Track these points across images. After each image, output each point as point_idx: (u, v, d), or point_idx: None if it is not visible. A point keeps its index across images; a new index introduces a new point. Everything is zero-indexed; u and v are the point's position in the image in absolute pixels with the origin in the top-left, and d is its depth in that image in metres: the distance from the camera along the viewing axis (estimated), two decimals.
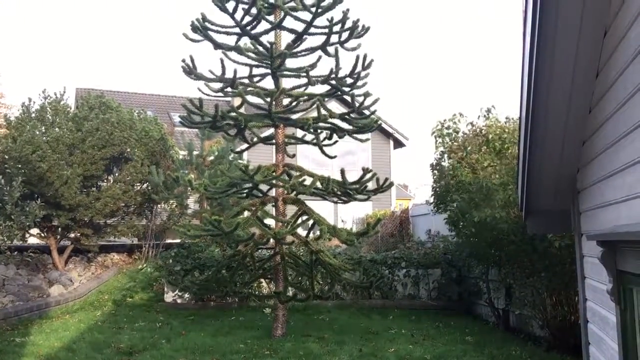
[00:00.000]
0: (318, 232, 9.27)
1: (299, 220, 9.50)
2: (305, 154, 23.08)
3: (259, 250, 11.65)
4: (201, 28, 9.22)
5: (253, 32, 9.41)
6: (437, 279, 12.95)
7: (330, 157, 10.05)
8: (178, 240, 14.94)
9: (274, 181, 9.44)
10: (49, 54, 61.31)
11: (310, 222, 9.61)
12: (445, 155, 11.51)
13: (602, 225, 3.85)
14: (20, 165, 12.17)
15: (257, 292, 12.38)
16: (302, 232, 9.98)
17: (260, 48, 9.49)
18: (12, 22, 53.75)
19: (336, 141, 9.86)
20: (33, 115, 14.11)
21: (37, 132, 13.59)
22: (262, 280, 12.07)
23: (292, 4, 9.44)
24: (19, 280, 12.38)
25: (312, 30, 9.33)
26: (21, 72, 52.53)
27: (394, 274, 12.96)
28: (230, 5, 9.18)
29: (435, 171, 11.35)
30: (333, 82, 9.41)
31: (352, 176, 9.29)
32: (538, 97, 3.54)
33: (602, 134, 3.57)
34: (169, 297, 12.57)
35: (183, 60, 9.35)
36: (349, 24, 9.37)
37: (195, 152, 15.72)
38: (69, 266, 14.74)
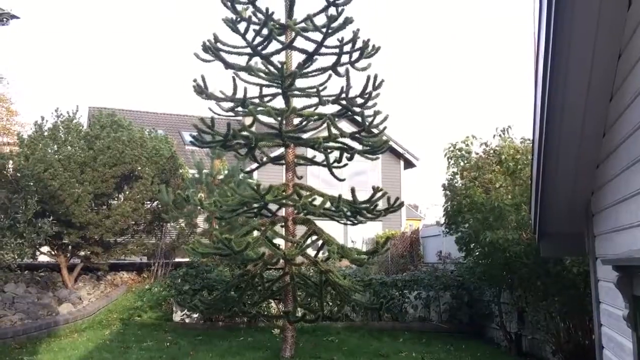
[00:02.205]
0: (327, 252, 9.20)
1: (309, 241, 9.44)
2: (315, 174, 23.05)
3: (268, 270, 11.58)
4: (213, 48, 9.29)
5: (264, 52, 9.46)
6: (448, 301, 12.78)
7: (340, 180, 10.00)
8: (187, 259, 14.90)
9: (284, 201, 9.40)
10: (64, 73, 62.14)
11: (320, 242, 9.55)
12: (458, 176, 11.43)
13: (618, 249, 3.77)
14: (32, 183, 12.25)
15: (266, 313, 12.28)
16: (311, 252, 9.91)
17: (271, 68, 9.53)
18: (27, 41, 54.62)
19: (346, 164, 9.82)
20: (46, 133, 14.25)
21: (50, 151, 13.70)
22: (271, 300, 11.97)
23: (303, 24, 9.49)
24: (29, 298, 12.38)
25: (323, 50, 9.36)
26: (35, 91, 53.20)
27: (404, 296, 12.82)
28: (241, 26, 9.25)
29: (447, 191, 11.26)
30: (343, 102, 9.42)
31: (363, 196, 9.24)
32: (551, 121, 3.50)
33: (617, 157, 3.52)
34: (177, 316, 12.50)
35: (194, 80, 9.41)
36: (359, 43, 9.39)
37: (205, 171, 15.76)
38: (78, 284, 14.73)
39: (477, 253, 9.99)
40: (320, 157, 9.72)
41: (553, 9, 2.79)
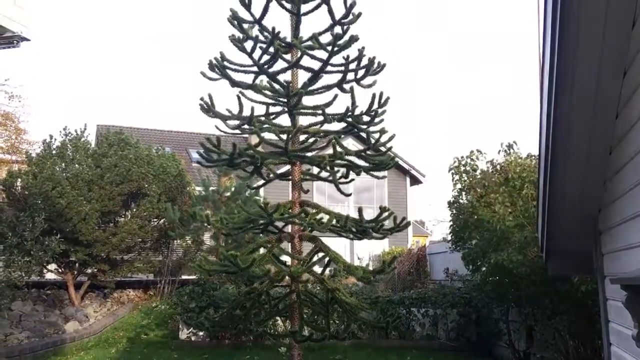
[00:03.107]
0: (334, 270, 9.17)
1: (315, 258, 9.42)
2: (320, 190, 23.09)
3: (274, 288, 11.53)
4: (219, 67, 9.35)
5: (270, 70, 9.51)
6: (456, 319, 12.68)
7: (346, 195, 9.99)
8: (194, 277, 14.89)
9: (290, 218, 9.40)
10: (72, 91, 62.72)
11: (326, 259, 9.52)
12: (464, 193, 11.38)
13: (626, 267, 3.74)
14: (40, 201, 12.32)
15: (272, 331, 12.22)
16: (317, 269, 9.88)
17: (277, 86, 9.58)
18: (35, 59, 55.26)
19: (352, 179, 9.82)
20: (54, 152, 14.35)
21: (58, 169, 13.79)
22: (278, 318, 11.92)
23: (309, 43, 9.56)
24: (36, 316, 12.38)
25: (328, 68, 9.40)
26: (44, 109, 53.67)
27: (411, 314, 12.73)
28: (248, 45, 9.32)
29: (453, 209, 11.23)
30: (349, 119, 9.44)
31: (368, 212, 9.22)
32: (557, 139, 3.50)
33: (624, 174, 3.51)
34: (183, 334, 12.46)
35: (201, 99, 9.46)
36: (364, 61, 9.43)
37: (212, 188, 15.79)
38: (85, 302, 14.73)
39: (485, 270, 9.93)
40: (326, 172, 9.73)
41: (557, 28, 2.81)
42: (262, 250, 9.97)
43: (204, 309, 11.90)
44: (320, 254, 9.56)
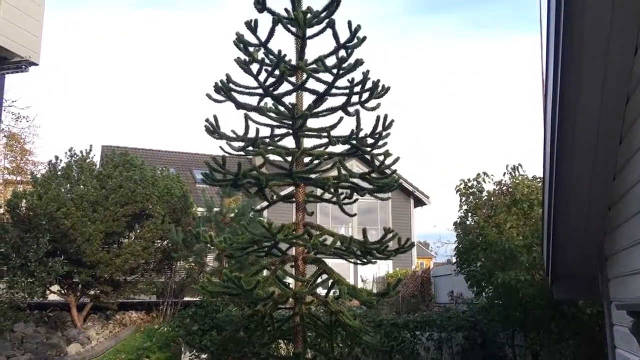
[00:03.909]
0: (337, 292, 9.11)
1: (319, 280, 9.37)
2: (324, 211, 23.08)
3: (278, 310, 11.46)
4: (225, 89, 9.42)
5: (275, 93, 9.58)
6: (461, 342, 12.55)
7: (350, 215, 9.99)
8: (197, 299, 14.81)
9: (294, 240, 9.39)
10: (78, 112, 63.20)
11: (330, 281, 9.47)
12: (470, 214, 11.36)
13: (633, 293, 3.71)
14: (44, 222, 12.34)
15: (275, 354, 12.11)
16: (321, 291, 9.83)
17: (282, 108, 9.64)
18: (41, 80, 55.86)
19: (356, 199, 9.82)
20: (59, 173, 14.42)
21: (63, 190, 13.84)
22: (280, 341, 11.82)
23: (314, 65, 9.64)
24: (38, 338, 12.33)
25: (333, 91, 9.47)
26: (49, 130, 54.07)
27: (416, 337, 12.61)
28: (253, 67, 9.40)
29: (459, 230, 11.19)
30: (354, 142, 9.47)
31: (372, 234, 9.21)
32: (561, 163, 3.50)
33: (628, 200, 3.50)
34: (186, 357, 12.35)
35: (207, 120, 9.51)
36: (369, 84, 9.50)
37: (215, 209, 15.79)
38: (87, 324, 14.66)
39: (491, 293, 9.86)
40: (330, 194, 9.74)
41: (560, 54, 2.83)
42: (265, 272, 9.94)
43: (206, 332, 11.82)
44: (324, 276, 9.51)
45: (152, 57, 69.75)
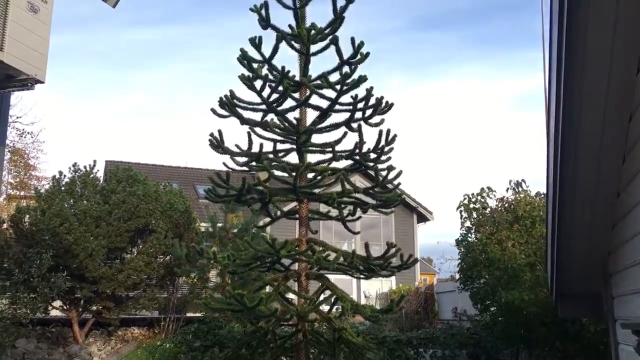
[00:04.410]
0: (340, 308, 9.07)
1: (322, 296, 9.33)
2: (327, 227, 23.07)
3: (280, 327, 11.40)
4: (229, 104, 9.46)
5: (279, 108, 9.62)
6: None
7: (354, 232, 9.98)
8: (199, 315, 14.75)
9: (297, 256, 9.37)
10: (81, 127, 63.53)
11: (333, 297, 9.43)
12: (472, 230, 11.33)
13: (638, 312, 3.69)
14: (47, 237, 12.35)
15: None
16: (324, 307, 9.78)
17: (286, 124, 9.68)
18: (45, 95, 56.25)
19: (360, 217, 9.82)
20: (63, 188, 14.45)
21: (66, 205, 13.86)
22: (283, 358, 11.74)
23: (318, 82, 9.68)
24: (39, 354, 12.28)
25: (337, 107, 9.50)
26: (53, 145, 54.40)
27: (419, 354, 12.51)
28: (257, 84, 9.45)
29: (462, 247, 11.16)
30: (357, 157, 9.49)
31: (375, 250, 9.18)
32: (565, 182, 3.50)
33: (632, 218, 3.49)
34: None
35: (211, 135, 9.54)
36: (372, 100, 9.53)
37: (219, 224, 15.78)
38: (89, 340, 14.59)
39: (494, 310, 9.81)
40: (333, 210, 9.72)
41: (563, 73, 2.84)
42: (268, 289, 9.91)
43: (209, 348, 11.75)
44: (327, 292, 9.47)
45: (155, 73, 70.20)
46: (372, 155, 9.65)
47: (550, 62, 3.16)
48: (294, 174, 9.46)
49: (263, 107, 9.64)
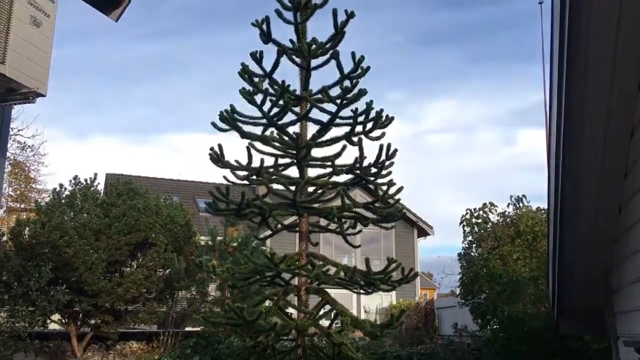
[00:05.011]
0: (340, 323, 9.01)
1: (322, 311, 9.27)
2: (327, 241, 23.01)
3: (280, 341, 11.32)
4: (230, 119, 9.48)
5: (279, 123, 9.63)
6: None
7: (354, 246, 9.95)
8: (198, 329, 14.66)
9: (297, 270, 9.33)
10: (83, 139, 63.71)
11: (333, 312, 9.37)
12: (474, 245, 11.31)
13: None
14: (47, 250, 12.32)
15: None
16: (324, 321, 9.72)
17: (286, 138, 9.68)
18: (46, 108, 56.47)
19: (360, 230, 9.79)
20: (63, 201, 14.44)
21: (66, 218, 13.85)
22: None
23: (318, 96, 9.71)
24: None
25: (337, 120, 9.51)
26: (56, 157, 54.49)
27: None
28: (258, 98, 9.47)
29: (464, 261, 11.12)
30: (357, 171, 9.48)
31: (375, 264, 9.16)
32: (566, 199, 3.49)
33: (634, 233, 3.48)
34: None
35: (211, 149, 9.54)
36: (372, 114, 9.54)
37: (219, 238, 15.73)
38: (87, 354, 14.50)
39: (495, 326, 9.75)
40: (333, 223, 9.70)
41: (564, 93, 2.85)
42: (268, 303, 9.85)
43: None
44: (327, 307, 9.42)
45: (156, 88, 70.47)
46: (373, 170, 9.64)
47: (551, 78, 3.16)
48: (293, 188, 9.46)
49: (263, 121, 9.65)
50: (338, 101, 9.46)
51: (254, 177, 9.62)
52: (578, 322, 5.19)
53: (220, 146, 9.56)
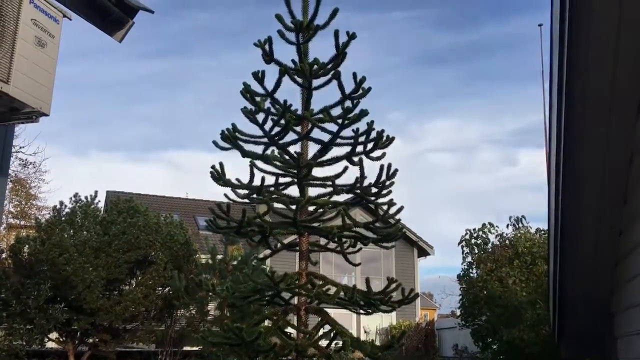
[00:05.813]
0: (340, 344, 8.94)
1: (321, 331, 9.21)
2: (327, 260, 22.95)
3: None
4: (231, 137, 9.50)
5: (281, 142, 9.66)
6: None
7: (354, 265, 9.91)
8: (196, 348, 14.54)
9: (297, 290, 9.28)
10: (83, 156, 63.87)
11: (333, 333, 9.31)
12: (474, 266, 11.28)
13: None
14: (46, 268, 12.28)
15: None
16: (323, 342, 9.65)
17: (287, 157, 9.70)
18: (51, 128, 56.66)
19: (360, 249, 9.77)
20: (63, 218, 14.43)
21: (66, 235, 13.82)
22: None
23: (320, 115, 9.74)
24: None
25: (338, 140, 9.54)
26: (57, 175, 54.49)
27: None
28: (259, 117, 9.51)
29: (463, 283, 11.09)
30: (358, 191, 9.48)
31: (376, 284, 9.10)
32: (566, 219, 3.49)
33: (635, 257, 3.47)
34: None
35: (212, 167, 9.55)
36: (373, 134, 9.57)
37: (219, 256, 15.67)
38: None
39: (496, 348, 9.68)
40: (334, 243, 9.69)
41: (563, 117, 2.87)
42: (267, 322, 9.78)
43: None
44: (327, 327, 9.35)
45: (156, 105, 70.81)
46: (373, 190, 9.65)
47: (551, 100, 3.19)
48: (294, 207, 9.45)
49: (265, 140, 9.69)
50: (339, 121, 9.50)
51: (255, 195, 9.63)
52: (579, 345, 5.15)
53: (221, 164, 9.56)
